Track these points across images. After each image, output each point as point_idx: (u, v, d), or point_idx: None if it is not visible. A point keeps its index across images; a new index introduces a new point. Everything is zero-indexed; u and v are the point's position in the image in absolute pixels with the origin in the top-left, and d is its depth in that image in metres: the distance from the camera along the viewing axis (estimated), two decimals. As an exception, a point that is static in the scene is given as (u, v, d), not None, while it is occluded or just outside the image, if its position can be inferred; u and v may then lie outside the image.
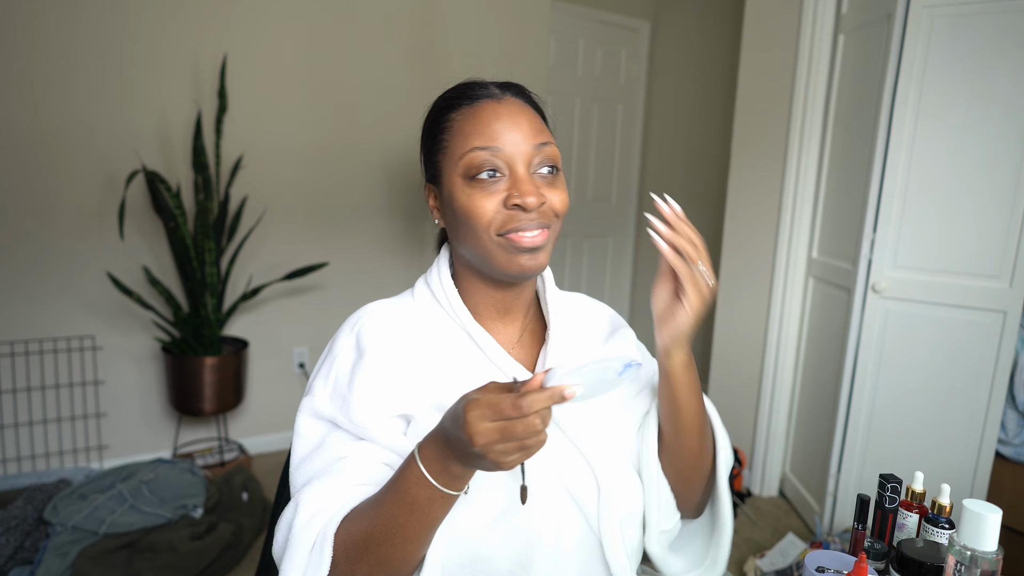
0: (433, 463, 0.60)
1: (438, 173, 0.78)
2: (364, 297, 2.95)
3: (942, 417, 2.01)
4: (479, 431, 0.54)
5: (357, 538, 0.64)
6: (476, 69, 3.11)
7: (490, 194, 0.72)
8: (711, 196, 3.57)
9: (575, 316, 0.89)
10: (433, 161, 0.79)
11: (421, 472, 0.61)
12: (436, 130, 0.79)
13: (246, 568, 1.99)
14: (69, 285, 2.35)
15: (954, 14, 1.86)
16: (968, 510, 0.67)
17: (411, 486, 0.61)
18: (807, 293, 2.46)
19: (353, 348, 0.76)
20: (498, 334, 0.82)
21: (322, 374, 0.77)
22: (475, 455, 0.56)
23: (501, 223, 0.72)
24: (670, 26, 3.82)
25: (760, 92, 2.52)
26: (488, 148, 0.72)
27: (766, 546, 2.20)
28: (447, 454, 0.59)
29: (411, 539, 0.63)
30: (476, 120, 0.74)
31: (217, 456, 2.56)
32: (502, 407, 0.54)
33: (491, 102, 0.75)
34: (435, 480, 0.60)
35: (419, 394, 0.74)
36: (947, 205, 1.94)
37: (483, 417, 0.54)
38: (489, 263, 0.75)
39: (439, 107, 0.80)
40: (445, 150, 0.76)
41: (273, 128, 2.65)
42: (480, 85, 0.78)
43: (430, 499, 0.61)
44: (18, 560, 1.81)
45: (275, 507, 0.92)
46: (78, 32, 2.25)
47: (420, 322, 0.79)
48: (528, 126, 0.74)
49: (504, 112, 0.74)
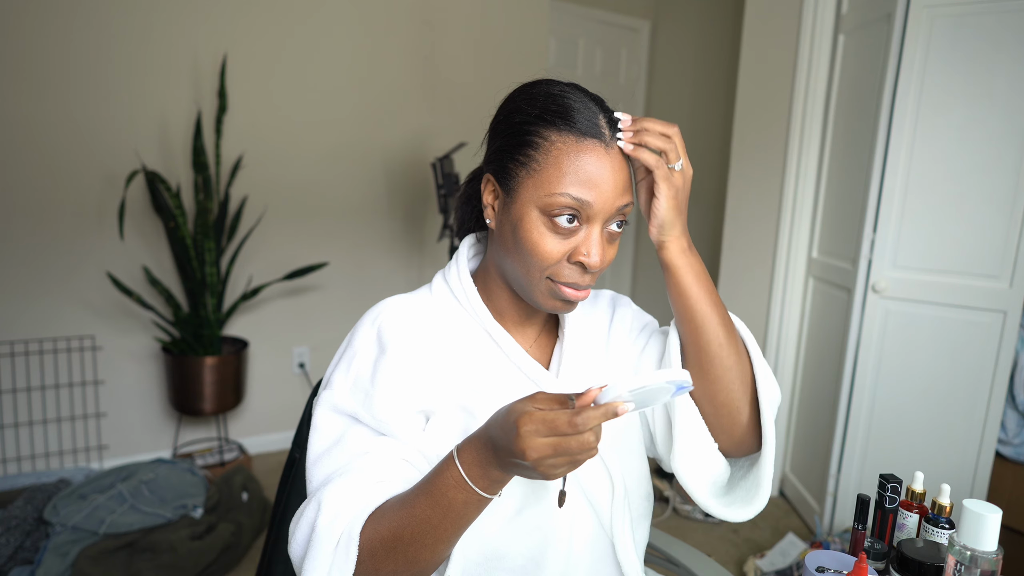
0: (473, 467, 0.61)
1: (512, 183, 0.72)
2: (364, 297, 2.95)
3: (942, 417, 2.01)
4: (533, 446, 0.55)
5: (385, 537, 0.64)
6: (476, 69, 3.12)
7: (561, 239, 0.71)
8: (711, 196, 3.57)
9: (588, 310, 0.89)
10: (508, 166, 0.73)
11: (460, 475, 0.61)
12: (523, 139, 0.71)
13: (246, 568, 1.99)
14: (69, 285, 2.35)
15: (954, 14, 1.86)
16: (968, 510, 0.67)
17: (448, 489, 0.62)
18: (807, 293, 2.46)
19: (375, 342, 0.76)
20: (516, 334, 0.82)
21: (342, 368, 0.76)
22: (523, 466, 0.57)
23: (558, 270, 0.72)
24: (670, 26, 3.82)
25: (760, 92, 2.52)
26: (580, 201, 0.68)
27: (766, 546, 2.20)
28: (489, 460, 0.60)
29: (441, 540, 0.63)
30: (580, 164, 0.68)
31: (217, 456, 2.56)
32: (557, 423, 0.55)
33: (599, 146, 0.69)
34: (474, 484, 0.61)
35: (440, 391, 0.74)
36: (947, 205, 1.94)
37: (537, 432, 0.55)
38: (528, 293, 0.75)
39: (534, 112, 0.71)
40: (532, 169, 0.70)
41: (273, 128, 2.65)
42: (588, 110, 0.70)
43: (466, 502, 0.61)
44: (18, 560, 1.81)
45: (275, 507, 0.92)
46: (78, 32, 2.25)
47: (440, 319, 0.78)
48: (622, 183, 0.71)
49: (609, 164, 0.69)
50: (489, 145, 0.77)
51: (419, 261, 3.09)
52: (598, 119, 0.70)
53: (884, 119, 1.98)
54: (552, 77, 0.76)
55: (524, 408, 0.57)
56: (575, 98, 0.71)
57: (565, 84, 0.74)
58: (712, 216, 3.56)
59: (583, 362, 0.82)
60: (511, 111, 0.74)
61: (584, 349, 0.83)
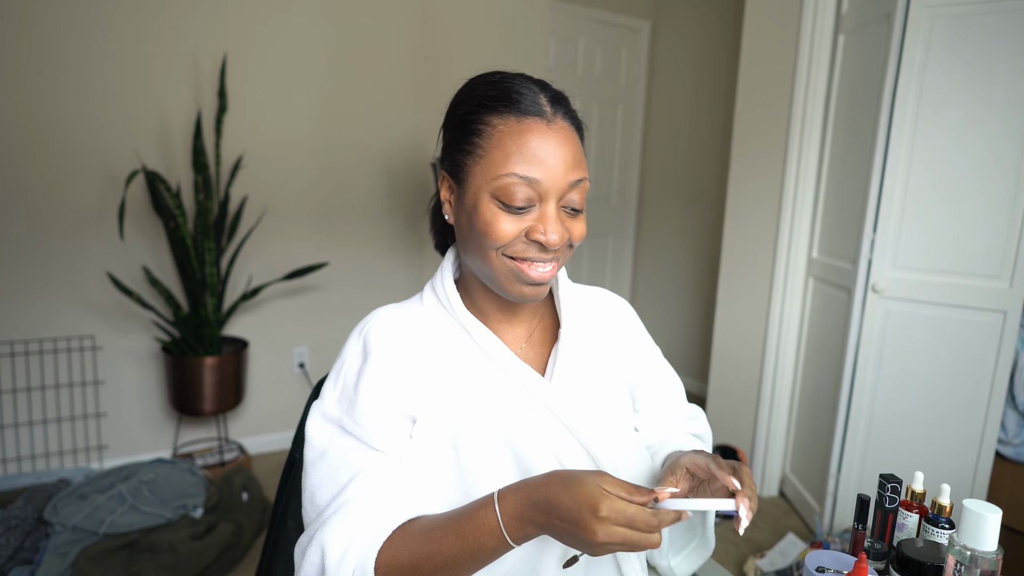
0: (512, 520, 0.62)
1: (462, 174, 0.73)
2: (364, 297, 2.95)
3: (942, 417, 2.01)
4: (607, 532, 0.58)
5: (404, 565, 0.64)
6: (476, 69, 3.11)
7: (516, 220, 0.70)
8: (711, 196, 3.57)
9: (591, 313, 0.88)
10: (458, 158, 0.73)
11: (497, 524, 0.62)
12: (469, 128, 0.72)
13: (246, 568, 1.99)
14: (69, 285, 2.35)
15: (954, 14, 1.86)
16: (968, 510, 0.67)
17: (481, 535, 0.62)
18: (807, 293, 2.46)
19: (360, 352, 0.76)
20: (506, 335, 0.81)
21: (331, 378, 0.77)
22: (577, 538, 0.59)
23: (515, 249, 0.72)
24: (670, 26, 3.82)
25: (760, 92, 2.52)
26: (527, 178, 0.68)
27: (766, 546, 2.20)
28: (533, 518, 0.61)
29: (462, 573, 0.64)
30: (522, 141, 0.69)
31: (217, 456, 2.56)
32: (637, 520, 0.58)
33: (541, 123, 0.69)
34: (509, 535, 0.62)
35: (424, 396, 0.74)
36: (947, 205, 1.94)
37: (615, 521, 0.58)
38: (492, 280, 0.74)
39: (476, 101, 0.72)
40: (477, 156, 0.71)
41: (273, 128, 2.65)
42: (530, 92, 0.71)
43: (495, 549, 0.62)
44: (18, 560, 1.81)
45: (275, 507, 0.92)
46: (78, 32, 2.25)
47: (427, 327, 0.79)
48: (571, 158, 0.70)
49: (552, 139, 0.69)
50: (442, 143, 0.78)
51: (419, 261, 3.09)
52: (539, 98, 0.71)
53: (884, 119, 1.98)
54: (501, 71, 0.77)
55: (599, 491, 0.59)
56: (515, 81, 0.72)
57: (508, 72, 0.75)
58: (712, 216, 3.56)
59: (580, 368, 0.81)
60: (455, 105, 0.76)
61: (582, 354, 0.82)
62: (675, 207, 3.85)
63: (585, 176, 0.73)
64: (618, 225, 4.11)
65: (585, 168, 0.73)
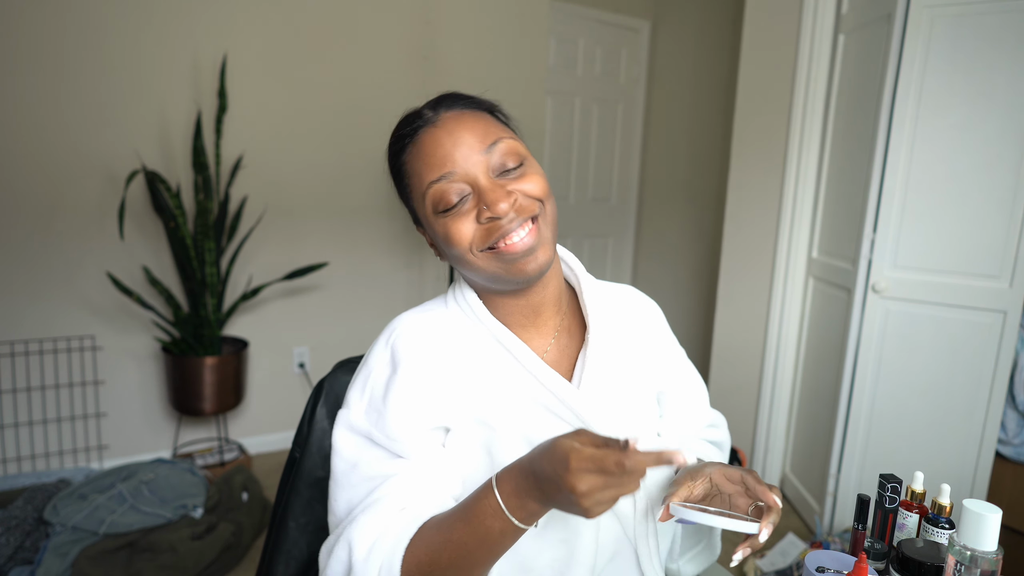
0: (512, 498, 0.61)
1: (416, 215, 0.78)
2: (364, 297, 2.95)
3: (942, 417, 2.01)
4: (584, 483, 0.56)
5: (422, 561, 0.64)
6: (476, 69, 3.12)
7: (463, 216, 0.72)
8: (711, 196, 3.57)
9: (618, 312, 0.86)
10: (410, 207, 0.79)
11: (498, 505, 0.61)
12: (398, 178, 0.78)
13: (246, 568, 1.99)
14: (69, 285, 2.35)
15: (954, 14, 1.86)
16: (968, 510, 0.67)
17: (486, 517, 0.62)
18: (807, 293, 2.46)
19: (388, 362, 0.76)
20: (531, 340, 0.80)
21: (357, 387, 0.76)
22: (565, 500, 0.57)
23: (482, 238, 0.71)
24: (670, 26, 3.82)
25: (760, 92, 2.52)
26: (442, 177, 0.71)
27: (766, 546, 2.20)
28: (529, 491, 0.61)
29: (478, 564, 0.64)
30: (421, 154, 0.73)
31: (217, 456, 2.56)
32: (606, 463, 0.55)
33: (428, 129, 0.73)
34: (512, 515, 0.61)
35: (456, 405, 0.74)
36: (947, 205, 1.94)
37: (588, 470, 0.56)
38: (493, 278, 0.74)
39: (392, 154, 0.78)
40: (411, 193, 0.76)
41: (273, 128, 2.65)
42: (414, 116, 0.75)
43: (503, 531, 0.62)
44: (18, 560, 1.81)
45: (275, 507, 0.92)
46: (78, 31, 2.25)
47: (453, 333, 0.78)
48: (470, 135, 0.72)
49: (441, 134, 0.72)
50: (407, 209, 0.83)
51: (419, 261, 3.09)
52: (422, 114, 0.75)
53: (884, 119, 1.98)
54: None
55: (572, 444, 0.58)
56: (404, 118, 0.76)
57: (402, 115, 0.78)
58: (712, 216, 3.56)
59: (608, 373, 0.80)
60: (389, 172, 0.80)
61: (610, 358, 0.81)
62: (675, 207, 3.85)
63: (500, 136, 0.73)
64: (618, 225, 4.11)
65: (498, 130, 0.74)
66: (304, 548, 0.90)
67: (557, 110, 3.69)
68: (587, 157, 3.88)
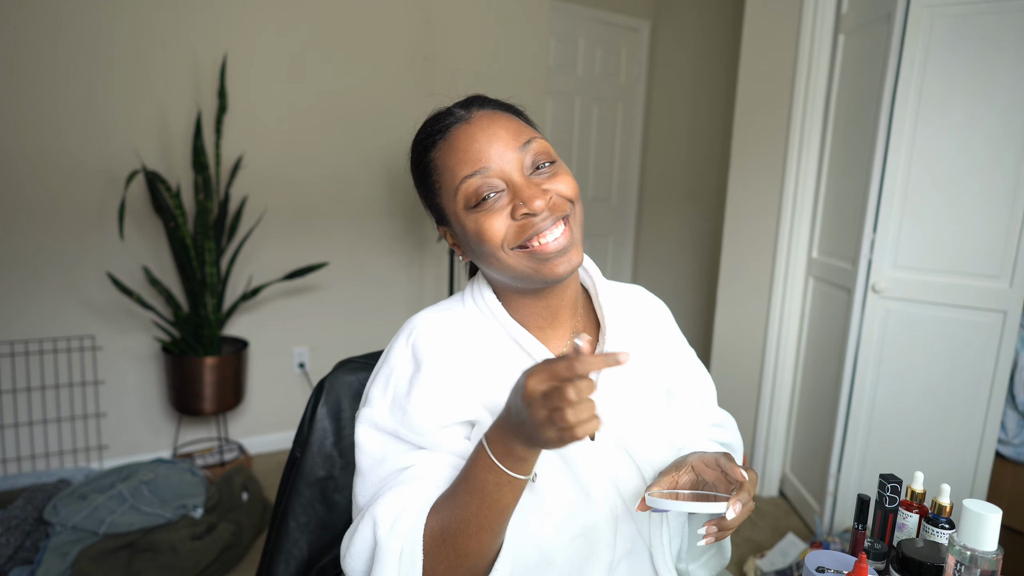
0: (498, 446, 0.62)
1: (443, 214, 0.78)
2: (364, 297, 2.95)
3: (942, 417, 2.01)
4: (541, 400, 0.56)
5: (435, 532, 0.65)
6: (476, 69, 3.12)
7: (496, 212, 0.72)
8: (711, 196, 3.57)
9: (630, 312, 0.88)
10: (435, 205, 0.79)
11: (488, 456, 0.62)
12: (424, 175, 0.78)
13: (246, 568, 1.99)
14: (69, 285, 2.35)
15: (954, 14, 1.86)
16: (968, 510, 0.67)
17: (480, 471, 0.63)
18: (807, 293, 2.46)
19: (410, 360, 0.76)
20: (547, 340, 0.81)
21: (379, 385, 0.77)
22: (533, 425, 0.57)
23: (515, 235, 0.72)
24: (670, 26, 3.82)
25: (760, 92, 2.52)
26: (476, 172, 0.72)
27: (766, 546, 2.20)
28: (509, 435, 0.61)
29: (484, 528, 0.64)
30: (454, 150, 0.73)
31: (217, 456, 2.56)
32: (556, 369, 0.56)
33: (461, 126, 0.74)
34: (501, 463, 0.62)
35: (477, 403, 0.74)
36: (947, 205, 1.94)
37: (540, 381, 0.56)
38: (520, 277, 0.74)
39: (417, 152, 0.79)
40: (440, 190, 0.76)
41: (273, 128, 2.65)
42: (445, 114, 0.77)
43: (498, 484, 0.62)
44: (18, 560, 1.81)
45: (275, 507, 0.92)
46: (78, 31, 2.25)
47: (471, 331, 0.79)
48: (505, 132, 0.73)
49: (476, 130, 0.73)
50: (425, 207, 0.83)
51: (419, 261, 3.09)
52: (453, 112, 0.76)
53: (884, 119, 1.98)
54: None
55: (524, 375, 0.59)
56: (433, 114, 0.78)
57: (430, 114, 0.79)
58: (712, 216, 3.56)
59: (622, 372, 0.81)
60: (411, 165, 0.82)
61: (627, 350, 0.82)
62: (675, 207, 3.85)
63: (533, 136, 0.75)
64: (618, 225, 4.11)
65: (530, 130, 0.76)
66: (304, 548, 0.90)
67: (557, 110, 3.69)
68: (587, 157, 3.88)
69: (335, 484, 0.92)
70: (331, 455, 0.92)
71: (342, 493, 0.92)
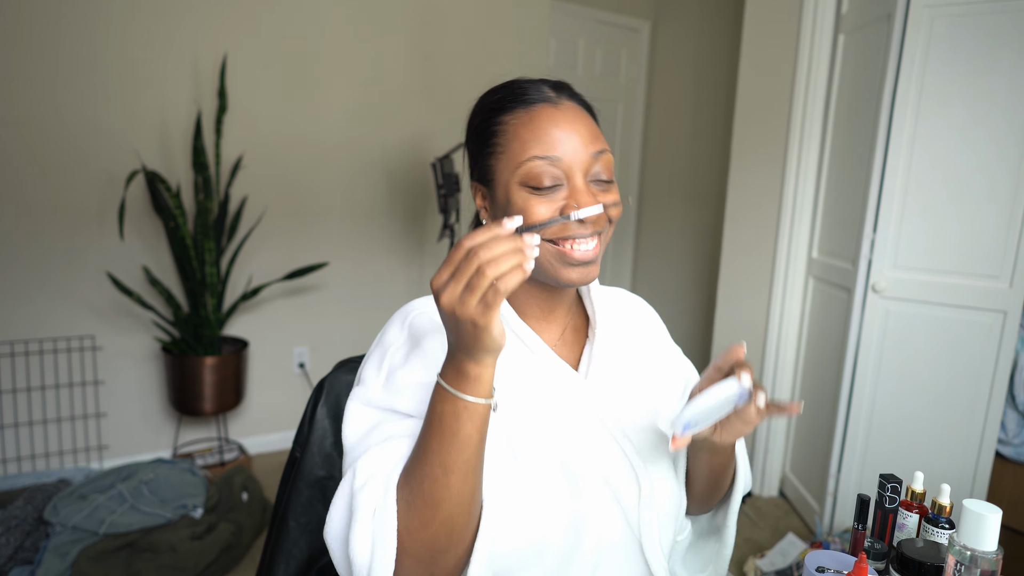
0: (448, 372, 0.62)
1: (489, 175, 0.76)
2: (364, 297, 2.95)
3: (942, 417, 2.01)
4: (440, 279, 0.57)
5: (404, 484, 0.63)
6: (476, 69, 3.12)
7: (547, 201, 0.71)
8: (711, 196, 3.57)
9: (617, 312, 0.90)
10: (483, 163, 0.77)
11: (441, 387, 0.62)
12: (486, 132, 0.76)
13: (246, 568, 1.99)
14: (69, 285, 2.35)
15: (954, 14, 1.86)
16: (968, 510, 0.67)
17: (436, 405, 0.62)
18: (807, 293, 2.46)
19: (406, 339, 0.77)
20: (542, 332, 0.82)
21: (373, 363, 0.76)
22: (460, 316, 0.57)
23: (555, 231, 0.72)
24: (670, 26, 3.82)
25: (760, 92, 2.52)
26: (548, 158, 0.71)
27: (766, 546, 2.20)
28: (455, 355, 0.61)
29: (450, 468, 0.61)
30: (534, 126, 0.72)
31: (217, 456, 2.56)
32: (453, 254, 0.57)
33: (548, 107, 0.73)
34: (454, 388, 0.61)
35: None
36: (947, 205, 1.94)
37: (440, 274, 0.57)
38: (539, 270, 0.75)
39: (488, 107, 0.77)
40: (500, 154, 0.74)
41: (273, 128, 2.65)
42: (533, 86, 0.75)
43: (455, 413, 0.61)
44: (18, 560, 1.81)
45: (275, 507, 0.92)
46: (78, 32, 2.25)
47: None
48: (586, 132, 0.73)
49: (562, 118, 0.72)
50: (468, 159, 0.82)
51: (419, 261, 3.09)
52: (541, 88, 0.75)
53: (884, 119, 1.98)
54: None
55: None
56: (517, 80, 0.77)
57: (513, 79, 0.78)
58: (712, 216, 3.56)
59: (613, 364, 0.83)
60: (471, 118, 0.80)
61: (614, 353, 0.84)
62: (675, 207, 3.85)
63: (606, 148, 0.75)
64: (618, 225, 4.11)
65: (604, 142, 0.75)
66: (304, 548, 0.90)
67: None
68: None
69: (335, 484, 0.92)
70: (331, 455, 0.92)
71: (342, 493, 0.92)
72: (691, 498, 0.85)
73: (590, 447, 0.76)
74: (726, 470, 0.82)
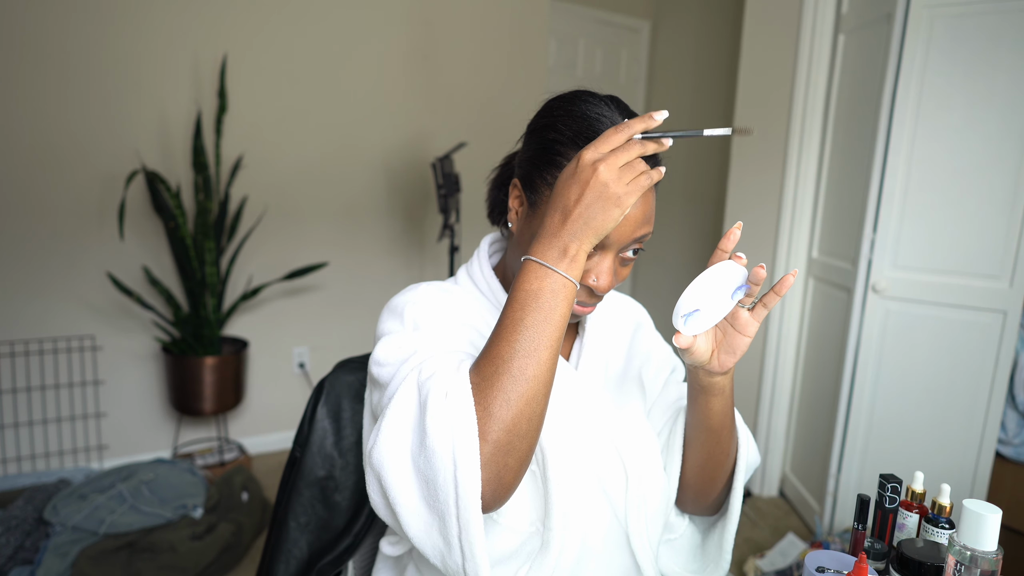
0: (546, 251, 0.63)
1: (536, 197, 0.74)
2: (364, 297, 2.95)
3: (942, 417, 2.01)
4: (591, 152, 0.61)
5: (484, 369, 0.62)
6: (476, 69, 3.12)
7: None
8: (711, 196, 3.57)
9: (607, 308, 0.92)
10: (534, 179, 0.74)
11: (539, 265, 0.63)
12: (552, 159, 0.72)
13: (246, 568, 1.99)
14: (69, 285, 2.35)
15: (954, 14, 1.86)
16: (968, 510, 0.67)
17: (531, 283, 0.63)
18: (807, 293, 2.46)
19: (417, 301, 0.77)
20: None
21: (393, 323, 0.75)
22: (597, 198, 0.61)
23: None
24: (670, 26, 3.82)
25: (760, 92, 2.52)
26: None
27: (766, 546, 2.20)
28: (561, 233, 0.63)
29: (543, 344, 0.62)
30: None
31: (217, 456, 2.56)
32: (614, 136, 0.63)
33: None
34: (556, 266, 0.63)
35: None
36: (947, 205, 1.94)
37: (595, 149, 0.62)
38: None
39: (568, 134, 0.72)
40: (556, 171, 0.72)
41: (273, 128, 2.65)
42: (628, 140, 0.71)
43: (553, 291, 0.63)
44: (18, 560, 1.81)
45: (275, 507, 0.92)
46: (78, 32, 2.25)
47: (466, 306, 0.81)
48: (643, 216, 0.72)
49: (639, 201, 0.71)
50: (523, 149, 0.78)
51: (419, 261, 3.09)
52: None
53: (884, 119, 1.98)
54: (590, 89, 0.76)
55: (580, 153, 0.63)
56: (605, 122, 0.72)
57: (603, 102, 0.74)
58: (712, 216, 3.56)
59: (602, 357, 0.85)
60: (546, 126, 0.75)
61: (603, 346, 0.86)
62: (675, 207, 3.85)
63: (651, 231, 0.75)
64: (618, 225, 4.11)
65: (652, 221, 0.75)
66: (304, 548, 0.90)
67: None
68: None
69: (335, 484, 0.92)
70: (331, 455, 0.92)
71: (342, 493, 0.92)
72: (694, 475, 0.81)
73: (578, 437, 0.76)
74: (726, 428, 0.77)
